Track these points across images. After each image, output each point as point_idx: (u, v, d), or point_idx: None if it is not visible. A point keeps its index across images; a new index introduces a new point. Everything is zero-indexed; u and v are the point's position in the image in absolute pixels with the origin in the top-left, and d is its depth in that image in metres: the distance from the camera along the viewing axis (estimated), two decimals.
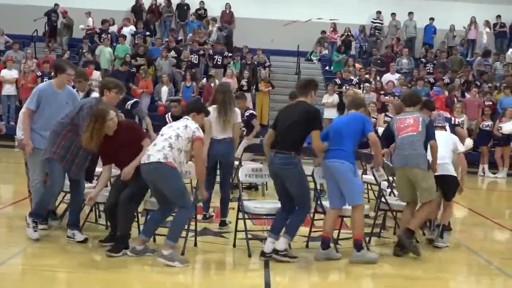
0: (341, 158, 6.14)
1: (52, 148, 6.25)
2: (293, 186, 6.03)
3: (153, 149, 5.83)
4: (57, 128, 6.31)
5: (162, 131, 6.01)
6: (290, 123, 6.03)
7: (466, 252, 7.15)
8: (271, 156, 6.08)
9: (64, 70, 6.77)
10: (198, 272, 5.88)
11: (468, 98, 16.67)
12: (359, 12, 22.01)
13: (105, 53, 18.59)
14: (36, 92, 6.72)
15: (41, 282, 5.23)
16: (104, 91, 6.44)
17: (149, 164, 5.77)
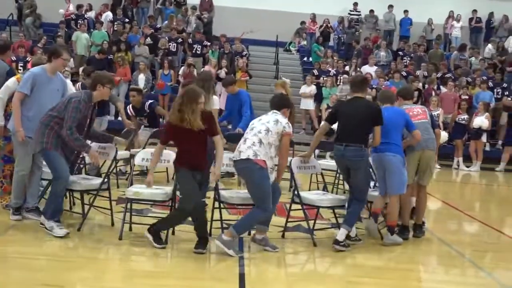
0: (393, 151, 6.60)
1: (42, 139, 6.07)
2: (359, 177, 6.42)
3: (244, 145, 5.97)
4: (45, 120, 6.12)
5: (253, 124, 6.12)
6: (357, 118, 6.37)
7: (438, 244, 7.23)
8: (340, 149, 6.40)
9: (60, 54, 6.51)
10: (173, 260, 5.88)
11: (444, 92, 16.83)
12: (338, 3, 22.03)
13: (82, 39, 18.38)
14: (31, 76, 6.43)
15: (13, 269, 5.21)
16: (97, 85, 6.24)
17: (240, 162, 5.96)
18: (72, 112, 6.00)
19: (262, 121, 6.10)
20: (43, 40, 18.05)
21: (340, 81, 17.31)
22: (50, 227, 6.04)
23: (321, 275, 5.81)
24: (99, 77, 6.44)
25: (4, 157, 6.89)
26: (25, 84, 6.38)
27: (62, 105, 6.15)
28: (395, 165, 6.60)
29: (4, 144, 6.84)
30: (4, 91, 6.69)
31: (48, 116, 6.14)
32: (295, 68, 20.91)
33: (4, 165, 6.89)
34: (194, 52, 18.56)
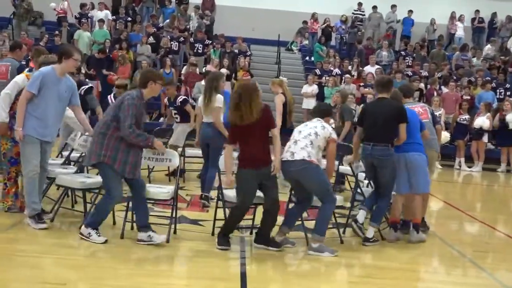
0: (418, 151, 6.83)
1: (100, 151, 5.85)
2: (386, 175, 6.66)
3: (296, 147, 6.13)
4: (102, 128, 5.91)
5: (299, 129, 6.31)
6: (384, 119, 6.60)
7: (440, 244, 7.22)
8: (368, 148, 6.65)
9: (71, 55, 6.34)
10: (176, 260, 5.88)
11: (446, 92, 16.82)
12: (340, 3, 22.00)
13: (84, 37, 18.42)
14: (40, 75, 6.23)
15: (15, 267, 5.20)
16: (148, 82, 6.05)
17: (294, 163, 6.06)
18: (128, 110, 5.81)
19: (309, 126, 6.32)
20: (45, 38, 18.07)
21: (343, 81, 17.31)
22: (87, 234, 5.94)
23: (323, 275, 5.80)
24: (149, 74, 6.22)
25: (10, 159, 6.72)
26: (34, 83, 6.20)
27: (115, 108, 5.95)
28: (421, 164, 6.86)
29: (11, 146, 6.65)
30: (13, 87, 6.58)
31: (104, 124, 5.94)
32: (297, 68, 20.91)
33: (10, 167, 6.73)
34: (195, 51, 18.57)
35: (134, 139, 5.84)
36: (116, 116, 5.87)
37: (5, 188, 6.77)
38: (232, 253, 6.03)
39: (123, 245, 5.98)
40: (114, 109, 5.95)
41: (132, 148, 5.91)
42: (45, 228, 6.22)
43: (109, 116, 5.95)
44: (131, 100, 5.86)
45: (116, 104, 5.98)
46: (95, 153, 5.87)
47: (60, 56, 6.38)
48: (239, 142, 6.04)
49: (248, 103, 5.86)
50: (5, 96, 6.56)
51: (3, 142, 6.65)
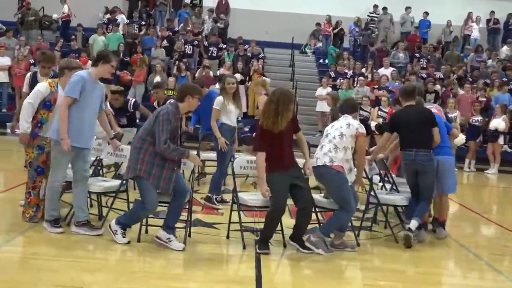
0: (449, 154, 7.17)
1: (136, 165, 5.89)
2: (429, 180, 6.86)
3: (320, 152, 6.28)
4: (137, 143, 5.93)
5: (327, 131, 6.39)
6: (418, 125, 6.83)
7: (455, 247, 7.17)
8: (411, 155, 6.81)
9: (110, 60, 6.28)
10: (189, 262, 5.87)
11: (461, 94, 16.72)
12: (354, 5, 21.95)
13: (99, 42, 18.56)
14: (80, 80, 6.09)
15: (30, 270, 5.22)
16: (185, 97, 6.03)
17: (317, 168, 6.21)
18: (163, 125, 5.80)
19: (335, 126, 6.40)
20: (60, 43, 18.22)
21: (356, 83, 17.28)
22: (115, 231, 6.03)
23: (337, 278, 5.78)
24: (187, 89, 6.18)
25: (37, 168, 6.53)
26: (74, 88, 6.05)
27: (150, 122, 5.94)
28: (451, 166, 7.20)
29: (38, 154, 6.49)
30: (35, 96, 6.40)
31: (139, 139, 5.96)
32: (311, 70, 20.89)
33: (37, 177, 6.54)
34: (209, 55, 18.63)
35: (170, 154, 5.86)
36: (151, 131, 5.88)
37: (28, 197, 6.59)
38: (247, 256, 6.03)
39: (139, 248, 6.00)
40: (149, 124, 5.94)
41: (166, 162, 5.93)
42: (61, 232, 6.23)
43: (145, 131, 5.95)
44: (166, 116, 5.85)
45: (151, 119, 5.98)
46: (132, 168, 5.93)
47: (98, 60, 6.30)
48: (269, 147, 6.02)
49: (285, 111, 5.94)
50: (28, 106, 6.39)
51: (28, 151, 6.50)
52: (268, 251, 6.08)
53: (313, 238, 6.19)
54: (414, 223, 6.75)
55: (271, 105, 5.98)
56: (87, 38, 19.24)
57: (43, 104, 6.40)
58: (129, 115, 9.69)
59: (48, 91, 6.36)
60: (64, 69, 6.47)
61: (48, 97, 6.38)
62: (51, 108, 6.43)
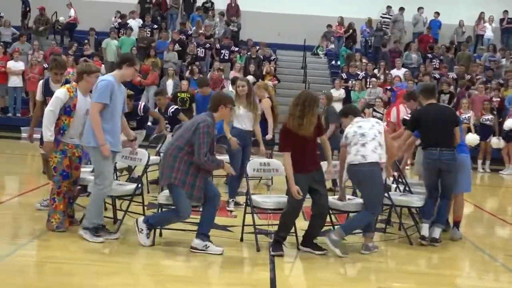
0: (465, 152, 7.29)
1: (171, 174, 5.91)
2: (451, 179, 6.89)
3: (365, 149, 6.26)
4: (173, 152, 5.94)
5: (361, 131, 6.38)
6: (442, 124, 6.87)
7: (470, 248, 7.14)
8: (435, 153, 6.80)
9: (134, 63, 6.28)
10: (204, 265, 5.87)
11: (475, 94, 16.61)
12: (367, 6, 21.91)
13: (112, 45, 18.67)
14: (108, 84, 6.04)
15: (46, 274, 5.25)
16: (219, 106, 6.10)
17: (365, 165, 6.23)
18: (204, 138, 5.84)
19: (368, 126, 6.45)
20: (74, 47, 18.35)
21: (369, 85, 17.24)
22: (141, 229, 6.07)
23: (352, 280, 5.78)
24: (221, 98, 6.24)
25: (62, 173, 6.43)
26: (104, 93, 6.01)
27: (187, 132, 5.94)
28: (467, 165, 7.26)
29: (61, 158, 6.41)
30: (55, 103, 6.34)
31: (175, 147, 5.96)
32: (323, 72, 20.88)
33: (62, 182, 6.45)
34: (221, 58, 18.68)
35: (209, 166, 5.94)
36: (189, 141, 5.89)
37: (53, 203, 6.46)
38: (261, 258, 6.02)
39: (154, 251, 6.01)
40: (186, 133, 5.94)
41: (200, 172, 5.96)
42: (101, 242, 6.10)
43: (182, 140, 5.94)
44: (207, 128, 5.88)
45: (189, 128, 5.97)
46: (166, 175, 5.94)
47: (122, 63, 6.27)
48: (293, 149, 6.04)
49: (310, 114, 5.98)
50: (49, 113, 6.34)
51: (52, 156, 6.45)
52: (282, 253, 6.08)
53: (334, 236, 6.18)
54: (437, 230, 6.80)
55: (296, 107, 6.02)
56: (100, 42, 19.35)
57: (64, 110, 6.35)
58: (139, 118, 9.76)
59: (67, 97, 6.32)
60: (83, 74, 6.43)
61: (68, 103, 6.34)
62: (71, 113, 6.39)
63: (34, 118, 7.60)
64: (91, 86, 6.34)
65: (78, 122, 6.43)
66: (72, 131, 6.44)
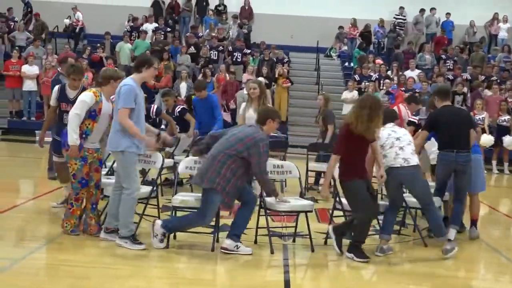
0: (479, 153, 7.41)
1: (216, 178, 5.90)
2: (465, 180, 6.95)
3: (405, 153, 6.38)
4: (222, 158, 5.94)
5: (395, 135, 6.49)
6: (459, 126, 6.90)
7: (487, 250, 7.11)
8: (452, 155, 6.86)
9: (152, 63, 6.24)
10: (219, 268, 5.91)
11: (489, 95, 16.50)
12: (379, 8, 21.86)
13: (125, 49, 18.79)
14: (131, 89, 6.02)
15: (61, 277, 5.27)
16: (268, 120, 6.11)
17: (408, 168, 6.35)
18: (264, 156, 5.95)
19: (402, 132, 6.60)
20: (87, 51, 18.48)
21: (382, 86, 17.17)
22: (156, 234, 6.06)
23: (366, 282, 5.77)
24: (269, 112, 6.31)
25: (81, 180, 6.37)
26: (128, 98, 5.98)
27: (240, 144, 5.94)
28: (481, 165, 7.41)
29: (81, 166, 6.33)
30: (81, 106, 6.25)
31: (225, 154, 5.95)
32: (336, 74, 20.86)
33: (81, 189, 6.39)
34: (234, 60, 18.71)
35: (264, 184, 6.08)
36: (240, 153, 5.90)
37: (70, 208, 6.45)
38: (275, 261, 6.02)
39: (168, 254, 6.02)
40: (239, 145, 5.92)
41: (239, 180, 6.01)
42: (144, 249, 6.04)
43: (234, 150, 5.92)
44: (266, 148, 5.96)
45: (242, 140, 5.95)
46: (209, 179, 5.93)
47: (140, 66, 6.22)
48: (350, 152, 6.10)
49: (377, 117, 6.07)
50: (75, 116, 6.24)
51: (72, 163, 6.34)
52: (368, 259, 6.07)
53: (384, 246, 6.34)
54: (452, 231, 6.80)
55: (363, 111, 6.05)
56: (113, 45, 19.49)
57: (89, 114, 6.28)
58: (151, 121, 9.81)
59: (94, 101, 6.26)
60: (110, 79, 6.37)
61: (93, 107, 6.26)
62: (96, 118, 6.33)
63: (45, 123, 7.60)
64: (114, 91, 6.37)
65: (101, 127, 6.42)
66: (95, 136, 6.41)
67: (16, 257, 5.64)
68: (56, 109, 7.22)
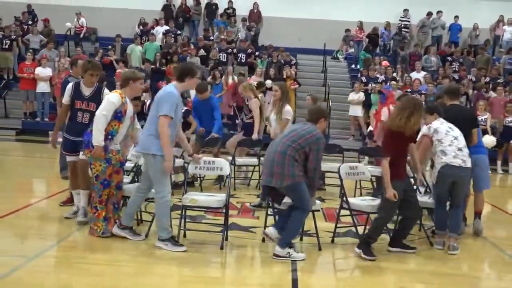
0: (484, 153, 7.54)
1: (294, 172, 5.96)
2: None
3: (463, 154, 6.64)
4: (291, 152, 5.98)
5: (454, 134, 6.71)
6: (463, 125, 6.93)
7: (491, 249, 7.16)
8: None
9: (196, 73, 6.27)
10: (228, 266, 6.01)
11: (494, 97, 16.56)
12: (385, 11, 21.93)
13: (136, 51, 19.02)
14: (174, 97, 6.03)
15: (75, 274, 5.34)
16: (320, 119, 6.24)
17: (464, 169, 6.62)
18: (321, 153, 6.09)
19: (458, 133, 6.75)
20: (99, 54, 18.67)
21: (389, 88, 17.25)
22: (286, 254, 6.00)
23: (372, 281, 5.83)
24: (322, 111, 6.50)
25: (103, 181, 6.38)
26: (172, 106, 5.99)
27: (303, 139, 6.03)
28: (486, 164, 7.52)
29: (105, 168, 6.33)
30: (109, 108, 6.25)
31: (293, 148, 6.00)
32: (343, 76, 20.94)
33: (103, 190, 6.40)
34: (238, 61, 18.87)
35: (315, 181, 6.19)
36: (305, 148, 5.99)
37: (95, 211, 6.43)
38: (283, 259, 6.04)
39: (177, 253, 6.06)
40: (301, 140, 6.02)
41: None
42: (185, 250, 6.08)
43: (297, 143, 6.01)
44: (323, 145, 6.12)
45: (304, 136, 6.05)
46: (288, 175, 5.97)
47: (184, 76, 6.20)
48: (397, 153, 6.26)
49: (418, 115, 6.25)
50: (101, 117, 6.23)
51: (96, 164, 6.33)
52: (375, 258, 6.19)
53: (455, 244, 6.57)
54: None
55: (404, 111, 6.21)
56: (124, 48, 19.70)
57: (115, 115, 6.27)
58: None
59: (120, 102, 6.26)
60: (129, 80, 6.42)
61: (120, 108, 6.26)
62: (122, 119, 6.34)
63: (58, 122, 7.48)
64: (136, 92, 6.45)
65: (125, 128, 6.46)
66: (119, 137, 6.44)
67: (31, 255, 5.71)
68: (67, 107, 7.11)
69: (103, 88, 7.16)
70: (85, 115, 6.98)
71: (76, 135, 6.96)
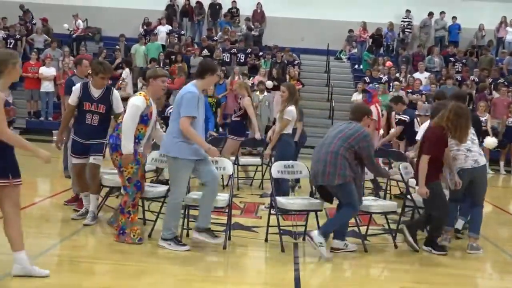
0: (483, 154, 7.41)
1: (345, 172, 6.08)
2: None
3: (472, 154, 6.72)
4: (342, 151, 6.11)
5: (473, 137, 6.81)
6: None
7: (493, 250, 7.16)
8: None
9: (216, 70, 6.17)
10: (230, 265, 6.01)
11: (496, 97, 16.56)
12: (388, 11, 21.94)
13: (140, 51, 19.08)
14: (195, 97, 5.92)
15: (78, 273, 5.36)
16: (364, 117, 6.43)
17: (482, 168, 6.77)
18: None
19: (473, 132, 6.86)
20: (103, 53, 18.73)
21: (392, 88, 17.29)
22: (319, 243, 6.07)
23: (375, 280, 5.86)
24: (366, 109, 6.69)
25: (136, 183, 6.22)
26: (192, 106, 5.89)
27: (352, 138, 6.18)
28: None
29: (136, 169, 6.19)
30: (135, 112, 6.08)
31: (344, 148, 6.14)
32: (346, 76, 20.96)
33: (136, 193, 6.25)
34: (237, 61, 18.92)
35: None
36: (355, 147, 6.16)
37: (128, 216, 6.23)
38: (285, 259, 6.10)
39: (180, 252, 6.07)
40: (350, 139, 6.17)
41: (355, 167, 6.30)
42: (188, 250, 6.07)
43: (347, 143, 6.16)
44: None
45: (351, 135, 6.20)
46: (340, 175, 6.12)
47: (205, 72, 6.09)
48: (434, 155, 6.41)
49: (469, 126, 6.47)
50: (130, 124, 6.09)
51: (128, 167, 6.14)
52: (446, 253, 6.52)
53: (474, 244, 6.70)
54: (460, 222, 7.17)
55: (461, 119, 6.36)
56: (129, 48, 19.76)
57: (141, 119, 6.13)
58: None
59: (145, 105, 6.11)
60: (149, 78, 6.29)
61: (145, 111, 6.12)
62: (148, 122, 6.20)
63: (63, 123, 7.34)
64: (159, 91, 6.30)
65: (150, 131, 6.38)
66: (144, 140, 6.36)
67: (34, 253, 5.64)
68: (74, 108, 6.99)
69: (112, 89, 7.09)
70: (94, 117, 6.89)
71: (86, 137, 6.89)
